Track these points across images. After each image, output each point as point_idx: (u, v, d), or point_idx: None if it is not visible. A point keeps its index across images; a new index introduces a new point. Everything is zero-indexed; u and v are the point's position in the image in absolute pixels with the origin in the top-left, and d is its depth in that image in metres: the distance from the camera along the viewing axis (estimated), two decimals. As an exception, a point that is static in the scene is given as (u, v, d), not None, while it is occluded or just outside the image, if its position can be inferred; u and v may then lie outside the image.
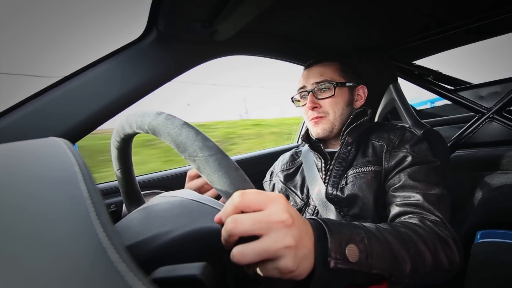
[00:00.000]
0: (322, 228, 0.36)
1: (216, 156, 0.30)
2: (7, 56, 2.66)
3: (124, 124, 0.38)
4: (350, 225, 0.40)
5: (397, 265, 0.42)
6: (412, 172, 0.62)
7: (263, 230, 0.28)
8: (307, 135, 0.81)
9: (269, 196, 0.30)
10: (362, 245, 0.38)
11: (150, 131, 0.34)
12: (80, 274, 0.15)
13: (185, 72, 0.83)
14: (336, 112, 0.74)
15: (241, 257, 0.27)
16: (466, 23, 1.05)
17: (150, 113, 0.34)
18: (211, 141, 0.30)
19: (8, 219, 0.18)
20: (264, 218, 0.28)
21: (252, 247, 0.28)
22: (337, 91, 0.73)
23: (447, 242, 0.51)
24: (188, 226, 0.34)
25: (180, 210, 0.38)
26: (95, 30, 6.69)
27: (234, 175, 0.30)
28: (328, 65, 0.77)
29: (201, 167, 0.30)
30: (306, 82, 0.76)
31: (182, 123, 0.32)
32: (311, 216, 0.72)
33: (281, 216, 0.29)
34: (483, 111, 1.23)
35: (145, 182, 0.89)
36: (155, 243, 0.31)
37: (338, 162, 0.71)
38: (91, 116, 0.66)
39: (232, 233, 0.28)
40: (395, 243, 0.43)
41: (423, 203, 0.57)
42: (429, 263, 0.46)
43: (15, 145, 0.28)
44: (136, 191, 0.51)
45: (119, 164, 0.46)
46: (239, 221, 0.28)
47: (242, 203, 0.29)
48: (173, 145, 0.31)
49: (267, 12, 0.75)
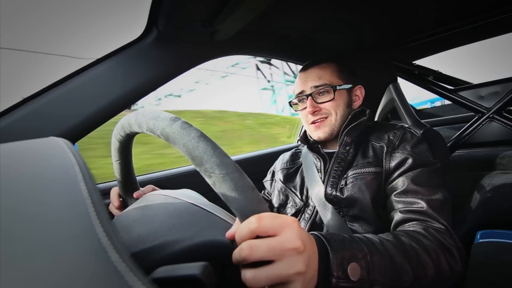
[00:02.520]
0: (325, 246, 0.36)
1: (233, 175, 0.29)
2: (7, 57, 2.66)
3: (133, 122, 0.37)
4: (353, 241, 0.41)
5: (398, 278, 0.42)
6: (415, 176, 0.62)
7: (277, 257, 0.29)
8: (305, 137, 0.80)
9: (284, 221, 0.31)
10: (364, 262, 0.38)
11: (163, 137, 0.33)
12: (80, 274, 0.15)
13: (185, 72, 0.83)
14: (337, 114, 0.74)
15: (254, 282, 0.29)
16: (466, 23, 1.05)
17: (163, 118, 0.33)
18: (228, 158, 0.30)
19: (8, 219, 0.18)
20: (278, 245, 0.29)
21: (265, 273, 0.29)
22: (336, 94, 0.73)
23: (450, 251, 0.51)
24: (196, 237, 0.34)
25: (187, 218, 0.38)
26: (95, 30, 6.71)
27: (250, 196, 0.30)
28: (326, 67, 0.76)
29: (217, 184, 0.30)
30: (305, 86, 0.75)
31: (199, 135, 0.31)
32: (310, 216, 0.72)
33: (294, 243, 0.30)
34: (483, 111, 1.23)
35: (145, 182, 0.89)
36: (162, 253, 0.31)
37: (337, 163, 0.71)
38: (91, 116, 0.66)
39: (247, 259, 0.29)
40: (397, 256, 0.44)
41: (426, 210, 0.57)
42: (431, 274, 0.46)
43: (15, 145, 0.28)
44: (134, 183, 0.51)
45: (119, 156, 0.45)
46: (254, 248, 0.29)
47: (259, 229, 0.29)
48: (188, 157, 0.31)
49: (267, 12, 0.75)
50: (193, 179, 0.87)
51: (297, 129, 1.66)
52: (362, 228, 0.65)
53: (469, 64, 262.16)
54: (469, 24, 1.05)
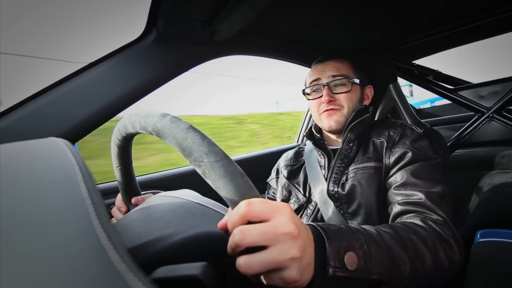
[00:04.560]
0: (321, 236, 0.36)
1: (222, 162, 0.29)
2: (7, 57, 2.67)
3: (127, 123, 0.38)
4: (350, 231, 0.40)
5: (395, 268, 0.42)
6: (414, 170, 0.62)
7: (270, 241, 0.28)
8: (311, 133, 0.81)
9: (275, 206, 0.30)
10: (361, 252, 0.38)
11: (154, 132, 0.33)
12: (80, 274, 0.15)
13: (185, 72, 0.83)
14: (350, 107, 0.74)
15: (247, 268, 0.28)
16: (466, 23, 1.05)
17: (154, 115, 0.34)
18: (217, 147, 0.30)
19: (7, 220, 0.18)
20: (271, 229, 0.29)
21: (258, 258, 0.28)
22: (353, 87, 0.74)
23: (448, 242, 0.51)
24: (190, 229, 0.34)
25: (182, 213, 0.38)
26: (95, 30, 6.72)
27: (240, 182, 0.29)
28: (343, 62, 0.77)
29: (206, 172, 0.30)
30: (321, 75, 0.76)
31: (187, 127, 0.31)
32: (312, 212, 0.73)
33: (287, 228, 0.29)
34: (483, 110, 1.23)
35: (145, 182, 0.90)
36: (157, 246, 0.31)
37: (340, 159, 0.72)
38: (91, 116, 0.66)
39: (239, 245, 0.28)
40: (394, 246, 0.43)
41: (425, 202, 0.57)
42: (429, 264, 0.46)
43: (15, 146, 0.28)
44: (135, 188, 0.51)
45: (119, 162, 0.45)
46: (246, 233, 0.28)
47: (249, 214, 0.29)
48: (178, 149, 0.31)
49: (267, 12, 0.75)
50: (193, 179, 0.87)
51: (296, 129, 1.66)
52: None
53: (469, 64, 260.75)
54: (469, 23, 1.05)
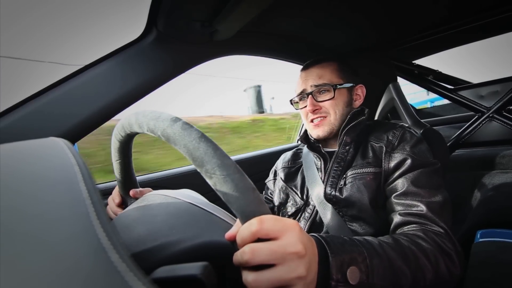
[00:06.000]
0: (324, 249, 0.37)
1: (234, 176, 0.29)
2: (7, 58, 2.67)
3: (133, 122, 0.37)
4: (353, 244, 0.41)
5: (397, 281, 0.42)
6: (414, 177, 0.62)
7: (278, 261, 0.29)
8: (306, 136, 0.80)
9: (285, 224, 0.31)
10: (363, 266, 0.39)
11: (164, 137, 0.33)
12: (80, 274, 0.15)
13: (185, 72, 0.83)
14: (336, 113, 0.74)
15: (255, 285, 0.29)
16: (466, 23, 1.05)
17: (164, 118, 0.33)
18: (229, 159, 0.30)
19: (8, 219, 0.18)
20: (280, 249, 0.29)
21: (266, 277, 0.29)
22: (337, 93, 0.73)
23: (450, 255, 0.51)
24: (196, 238, 0.34)
25: (187, 218, 0.38)
26: (95, 30, 6.71)
27: (251, 197, 0.30)
28: (326, 66, 0.76)
29: (218, 185, 0.30)
30: (305, 85, 0.75)
31: (199, 136, 0.31)
32: (310, 215, 0.72)
33: (295, 247, 0.30)
34: (483, 110, 1.23)
35: (145, 182, 0.89)
36: (163, 254, 0.31)
37: (336, 162, 0.71)
38: (91, 116, 0.66)
39: (249, 263, 0.29)
40: (396, 259, 0.44)
41: (426, 214, 0.56)
42: (430, 277, 0.46)
43: (15, 145, 0.28)
44: (133, 182, 0.51)
45: (119, 156, 0.45)
46: (256, 252, 0.29)
47: (260, 232, 0.29)
48: (189, 158, 0.31)
49: (267, 12, 0.75)
50: (193, 179, 0.87)
51: (296, 130, 1.66)
52: (362, 228, 0.65)
53: (469, 63, 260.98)
54: (469, 24, 1.05)
